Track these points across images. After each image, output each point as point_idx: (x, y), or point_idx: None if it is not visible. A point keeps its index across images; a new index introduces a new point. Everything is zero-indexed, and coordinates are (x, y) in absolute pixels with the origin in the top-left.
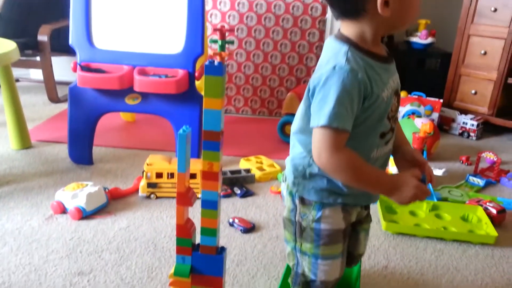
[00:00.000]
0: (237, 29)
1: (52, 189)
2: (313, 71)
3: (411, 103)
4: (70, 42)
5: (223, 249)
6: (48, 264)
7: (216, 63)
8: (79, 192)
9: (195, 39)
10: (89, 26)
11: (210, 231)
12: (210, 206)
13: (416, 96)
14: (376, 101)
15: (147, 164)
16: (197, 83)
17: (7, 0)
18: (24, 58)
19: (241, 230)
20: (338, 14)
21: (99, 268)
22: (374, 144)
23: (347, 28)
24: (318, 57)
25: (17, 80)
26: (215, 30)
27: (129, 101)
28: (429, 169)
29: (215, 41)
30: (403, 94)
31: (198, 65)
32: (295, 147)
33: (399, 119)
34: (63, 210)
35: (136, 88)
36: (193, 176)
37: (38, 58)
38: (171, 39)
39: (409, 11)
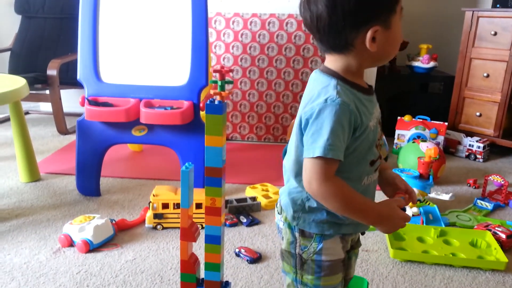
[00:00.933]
0: (241, 59)
1: (60, 221)
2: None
3: (416, 127)
4: (78, 77)
5: (227, 283)
6: None
7: (216, 102)
8: (86, 225)
9: (200, 71)
10: (96, 61)
11: (214, 266)
12: (214, 241)
13: (421, 120)
14: (365, 131)
15: (153, 195)
16: (202, 113)
17: (19, 36)
18: (34, 92)
19: (247, 260)
20: (325, 48)
21: None
22: (365, 172)
23: (333, 62)
24: None
25: (27, 113)
26: (215, 71)
27: (136, 132)
28: (411, 193)
29: (215, 82)
30: (407, 118)
31: (202, 96)
32: (290, 181)
33: (405, 143)
34: (71, 243)
35: (143, 120)
36: (198, 206)
37: (47, 92)
38: (176, 72)
39: (394, 45)
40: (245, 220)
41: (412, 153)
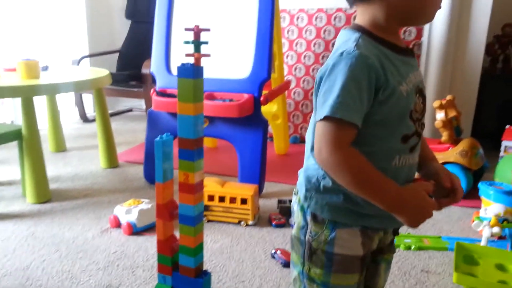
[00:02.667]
0: (304, 56)
1: (120, 203)
2: None
3: None
4: (151, 69)
5: (205, 273)
6: (84, 274)
7: (189, 64)
8: (133, 208)
9: (262, 64)
10: (168, 55)
11: (188, 250)
12: (187, 221)
13: None
14: (393, 94)
15: None
16: (263, 108)
17: (127, 39)
18: (129, 89)
19: (281, 263)
20: None
21: (127, 283)
22: (395, 149)
23: (360, 16)
24: None
25: (131, 110)
26: (187, 29)
27: None
28: (456, 189)
29: (187, 42)
30: None
31: (266, 91)
32: (310, 157)
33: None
34: (118, 224)
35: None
36: (244, 201)
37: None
38: (239, 65)
39: None
40: (293, 223)
41: (511, 166)
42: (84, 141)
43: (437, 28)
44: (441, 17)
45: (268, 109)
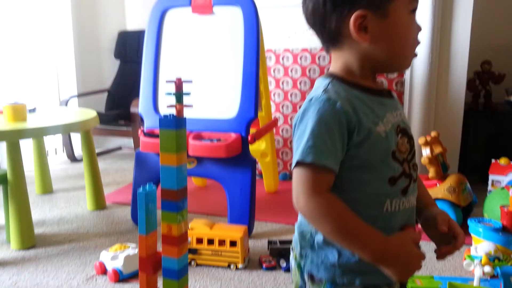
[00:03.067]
0: (300, 82)
1: (106, 249)
2: None
3: None
4: (139, 110)
5: None
6: None
7: (171, 115)
8: (119, 254)
9: (248, 104)
10: (156, 95)
11: None
12: (170, 275)
13: None
14: (369, 136)
15: (188, 229)
16: (251, 146)
17: (116, 78)
18: (118, 128)
19: None
20: (322, 43)
21: None
22: (383, 193)
23: (333, 62)
24: None
25: (120, 148)
26: (168, 82)
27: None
28: (458, 235)
29: (169, 94)
30: (504, 161)
31: (253, 130)
32: None
33: (499, 187)
34: (104, 271)
35: (190, 152)
36: (233, 243)
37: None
38: (226, 105)
39: (398, 40)
40: (284, 265)
41: (499, 200)
42: (72, 182)
43: (418, 66)
44: (421, 55)
45: (257, 147)
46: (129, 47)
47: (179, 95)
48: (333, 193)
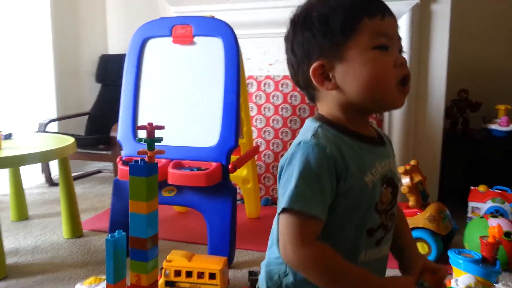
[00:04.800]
0: (281, 109)
1: (81, 281)
2: None
3: (492, 199)
4: (118, 137)
5: None
6: None
7: (141, 163)
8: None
9: (229, 132)
10: (135, 122)
11: None
12: None
13: (499, 191)
14: (355, 185)
15: (166, 261)
16: (231, 175)
17: (96, 102)
18: (98, 152)
19: None
20: (304, 94)
21: None
22: (360, 243)
23: (320, 107)
24: None
25: (99, 171)
26: (140, 128)
27: (165, 193)
28: (439, 277)
29: (141, 140)
30: (482, 188)
31: (234, 158)
32: (272, 248)
33: (478, 216)
34: None
35: (170, 181)
36: (212, 276)
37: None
38: (207, 133)
39: (360, 81)
40: None
41: (478, 230)
42: (49, 207)
43: None
44: None
45: (238, 174)
46: (110, 70)
47: (150, 141)
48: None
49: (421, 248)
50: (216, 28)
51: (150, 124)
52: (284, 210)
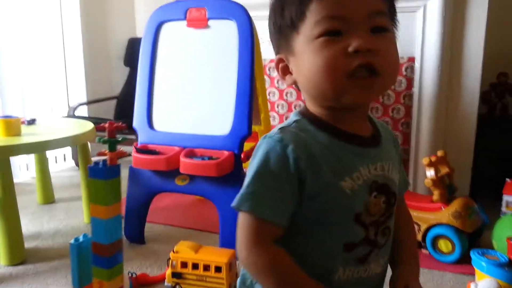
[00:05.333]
0: (295, 106)
1: None
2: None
3: None
4: (134, 124)
5: None
6: None
7: (100, 164)
8: None
9: (242, 120)
10: (150, 110)
11: None
12: None
13: None
14: (326, 190)
15: (173, 252)
16: (245, 164)
17: (125, 86)
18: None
19: None
20: None
21: None
22: (335, 258)
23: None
24: (404, 134)
25: (130, 155)
26: (99, 128)
27: (179, 182)
28: None
29: (102, 141)
30: None
31: (247, 147)
32: None
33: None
34: None
35: (182, 169)
36: (218, 269)
37: None
38: (220, 121)
39: (307, 75)
40: None
41: (508, 229)
42: (75, 191)
43: (428, 77)
44: (431, 66)
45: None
46: (138, 54)
47: (111, 141)
48: (281, 244)
49: (445, 246)
50: (230, 10)
51: (111, 122)
52: (239, 210)
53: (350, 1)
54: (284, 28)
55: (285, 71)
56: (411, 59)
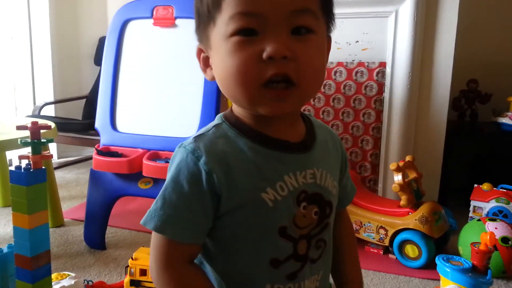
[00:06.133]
0: (333, 100)
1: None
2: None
3: (496, 199)
4: (96, 125)
5: None
6: None
7: (22, 168)
8: (54, 285)
9: (209, 122)
10: (113, 109)
11: None
12: None
13: (504, 190)
14: (246, 204)
15: (132, 259)
16: None
17: (94, 85)
18: (89, 137)
19: None
20: None
21: None
22: (260, 275)
23: None
24: (375, 139)
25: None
26: (19, 128)
27: (142, 185)
28: None
29: (23, 143)
30: (486, 186)
31: None
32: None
33: (476, 219)
34: None
35: (145, 172)
36: (143, 272)
37: None
38: (186, 122)
39: (220, 74)
40: None
41: (473, 235)
42: None
43: (398, 82)
44: (401, 71)
45: None
46: None
47: (35, 144)
48: (204, 261)
49: (412, 251)
50: None
51: (34, 123)
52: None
53: None
54: (202, 16)
55: (206, 62)
56: (383, 64)
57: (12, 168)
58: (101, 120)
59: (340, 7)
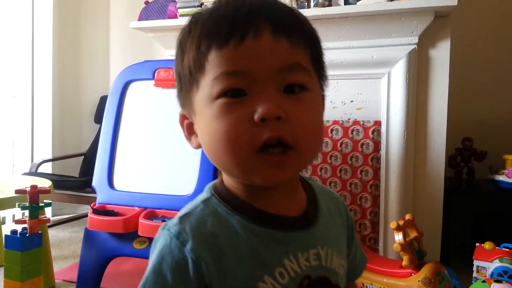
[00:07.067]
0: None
1: None
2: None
3: (500, 259)
4: (93, 183)
5: None
6: None
7: (17, 233)
8: None
9: (207, 180)
10: (112, 168)
11: None
12: None
13: (507, 250)
14: None
15: None
16: None
17: (93, 143)
18: (85, 194)
19: None
20: None
21: None
22: None
23: None
24: (373, 196)
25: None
26: (18, 192)
27: (137, 245)
28: None
29: (21, 207)
30: (489, 245)
31: None
32: None
33: (480, 280)
34: None
35: (140, 232)
36: None
37: None
38: (183, 181)
39: (206, 141)
40: None
41: None
42: None
43: (394, 141)
44: (396, 130)
45: None
46: None
47: (33, 208)
48: None
49: None
50: None
51: (33, 186)
52: None
53: (255, 52)
54: (184, 79)
55: (190, 129)
56: (378, 123)
57: (8, 232)
58: (98, 178)
59: (335, 69)
